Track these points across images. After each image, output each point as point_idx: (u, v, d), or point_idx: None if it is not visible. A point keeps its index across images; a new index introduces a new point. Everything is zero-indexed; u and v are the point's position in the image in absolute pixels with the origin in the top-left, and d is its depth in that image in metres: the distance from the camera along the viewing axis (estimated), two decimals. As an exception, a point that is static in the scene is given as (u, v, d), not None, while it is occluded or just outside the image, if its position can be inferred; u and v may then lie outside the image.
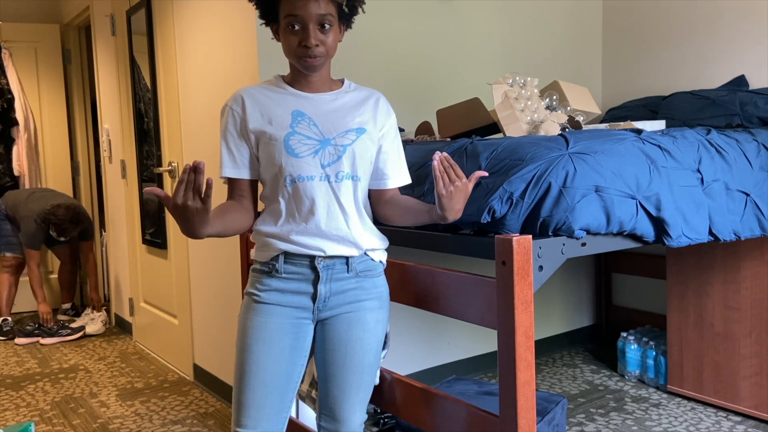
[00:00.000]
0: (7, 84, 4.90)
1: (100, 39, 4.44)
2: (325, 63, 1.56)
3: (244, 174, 1.59)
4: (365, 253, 1.61)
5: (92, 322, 4.47)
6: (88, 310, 4.59)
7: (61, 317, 4.80)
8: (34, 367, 3.77)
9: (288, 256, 1.56)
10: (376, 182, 1.67)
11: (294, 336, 1.59)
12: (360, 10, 1.59)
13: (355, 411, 1.65)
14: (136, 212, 4.01)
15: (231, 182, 1.61)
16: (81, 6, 4.72)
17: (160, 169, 3.52)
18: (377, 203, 1.69)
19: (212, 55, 2.96)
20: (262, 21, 1.59)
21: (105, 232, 4.86)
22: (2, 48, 4.91)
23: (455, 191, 1.46)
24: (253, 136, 1.57)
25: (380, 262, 1.66)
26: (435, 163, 1.46)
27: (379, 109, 1.64)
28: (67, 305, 4.88)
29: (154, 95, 3.57)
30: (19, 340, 4.29)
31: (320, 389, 1.66)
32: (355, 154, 1.56)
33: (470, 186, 1.49)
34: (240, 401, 1.58)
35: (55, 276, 5.12)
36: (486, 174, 1.55)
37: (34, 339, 4.30)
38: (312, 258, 1.56)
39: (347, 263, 1.58)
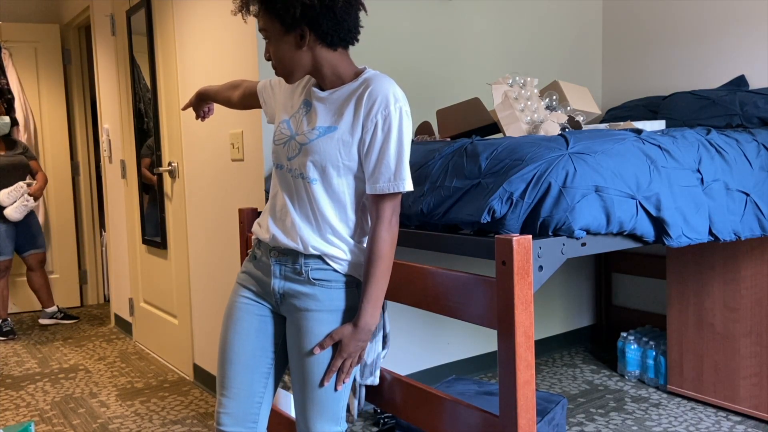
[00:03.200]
0: (7, 84, 4.90)
1: (100, 39, 4.44)
2: (291, 73, 1.51)
3: (265, 93, 1.76)
4: (322, 260, 1.54)
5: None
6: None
7: (47, 321, 4.78)
8: (34, 367, 3.77)
9: (260, 242, 1.65)
10: (367, 186, 1.53)
11: (258, 319, 1.65)
12: (298, 11, 1.43)
13: (317, 422, 1.58)
14: (136, 212, 4.01)
15: (258, 84, 1.81)
16: (81, 6, 4.72)
17: (160, 169, 3.52)
18: (370, 209, 1.56)
19: (212, 55, 2.96)
20: None
21: (105, 232, 4.86)
22: (2, 48, 4.91)
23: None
24: (273, 106, 1.74)
25: (344, 274, 1.55)
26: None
27: (365, 101, 1.47)
28: (52, 309, 4.80)
29: (154, 95, 3.57)
30: None
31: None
32: (309, 153, 1.50)
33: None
34: (218, 374, 1.67)
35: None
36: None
37: None
38: (270, 249, 1.61)
39: (299, 263, 1.55)
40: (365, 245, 1.56)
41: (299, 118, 1.58)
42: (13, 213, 4.43)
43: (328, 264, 1.54)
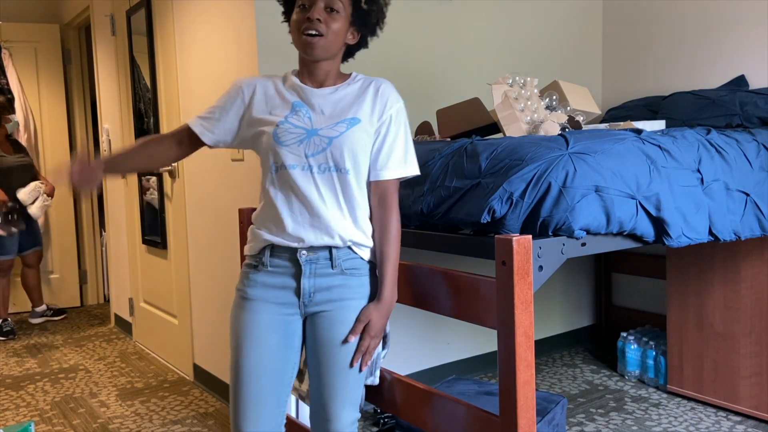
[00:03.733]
0: (7, 84, 4.90)
1: (100, 39, 4.44)
2: (326, 51, 1.55)
3: (205, 135, 1.65)
4: (351, 249, 1.59)
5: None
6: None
7: (38, 320, 4.79)
8: (34, 367, 3.77)
9: (274, 248, 1.58)
10: (370, 173, 1.61)
11: (283, 333, 1.60)
12: (380, 26, 1.64)
13: (344, 409, 1.62)
14: (136, 212, 4.01)
15: (188, 130, 1.67)
16: (81, 6, 4.72)
17: (160, 169, 3.52)
18: (371, 196, 1.63)
19: (212, 54, 2.96)
20: (287, 19, 1.65)
21: (105, 232, 4.86)
22: (2, 48, 4.90)
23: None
24: (250, 121, 1.62)
25: (369, 261, 1.63)
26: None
27: (379, 97, 1.60)
28: (42, 307, 4.82)
29: (154, 95, 3.57)
30: None
31: (310, 386, 1.66)
32: (342, 146, 1.54)
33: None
34: (236, 402, 1.59)
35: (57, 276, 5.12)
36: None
37: None
38: (294, 251, 1.56)
39: (331, 258, 1.57)
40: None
41: (303, 115, 1.56)
42: (38, 212, 4.60)
43: (355, 253, 1.60)
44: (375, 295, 1.63)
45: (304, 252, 1.56)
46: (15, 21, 5.07)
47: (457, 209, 1.82)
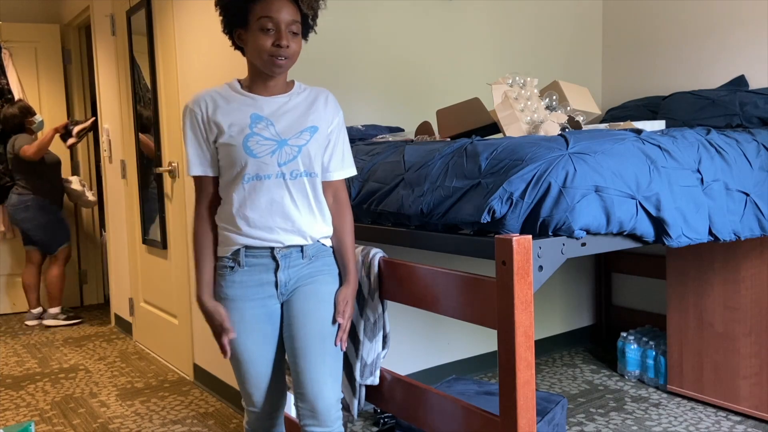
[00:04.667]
0: (7, 84, 4.90)
1: (100, 39, 4.44)
2: (289, 67, 1.67)
3: (210, 171, 1.71)
4: (318, 241, 1.73)
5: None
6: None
7: (53, 321, 4.79)
8: (34, 367, 3.77)
9: (248, 249, 1.68)
10: (322, 174, 1.76)
11: (269, 321, 1.72)
12: (314, 27, 1.72)
13: (326, 383, 1.70)
14: (136, 212, 4.01)
15: (199, 180, 1.73)
16: (81, 6, 4.72)
17: (160, 169, 3.52)
18: (325, 194, 1.77)
19: (212, 54, 2.96)
20: (227, 27, 1.70)
21: (105, 232, 4.86)
22: (2, 48, 4.91)
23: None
24: (213, 136, 1.67)
25: (330, 246, 1.79)
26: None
27: (328, 106, 1.74)
28: (56, 309, 4.81)
29: (154, 95, 3.57)
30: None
31: (291, 369, 1.73)
32: (310, 153, 1.67)
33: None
34: (244, 389, 1.76)
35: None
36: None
37: None
38: (272, 249, 1.67)
39: (302, 251, 1.70)
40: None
41: (264, 126, 1.65)
42: (92, 198, 5.01)
43: (323, 244, 1.76)
44: (337, 272, 1.79)
45: (279, 249, 1.68)
46: (15, 21, 5.07)
47: (457, 209, 1.82)
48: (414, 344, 3.14)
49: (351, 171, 1.83)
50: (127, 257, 4.26)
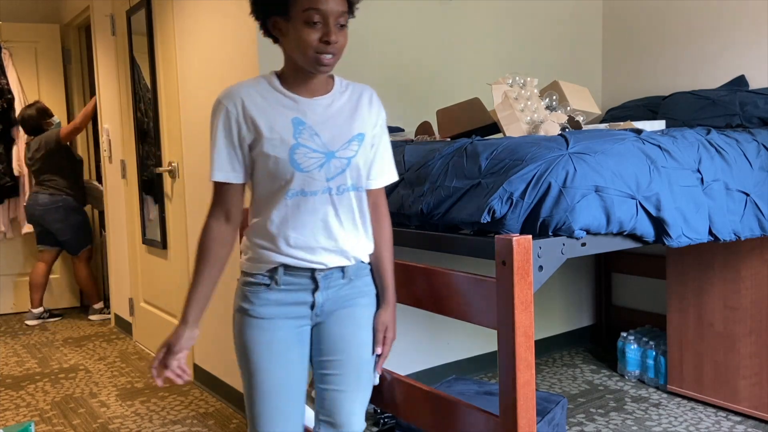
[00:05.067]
0: (7, 84, 4.90)
1: (100, 39, 4.44)
2: (335, 65, 1.47)
3: (238, 178, 1.50)
4: (360, 260, 1.60)
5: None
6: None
7: (98, 316, 4.86)
8: (34, 367, 3.77)
9: (287, 268, 1.51)
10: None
11: (299, 345, 1.57)
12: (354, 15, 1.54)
13: (355, 413, 1.60)
14: (136, 212, 4.01)
15: (221, 187, 1.51)
16: (81, 6, 4.72)
17: (160, 169, 3.52)
18: None
19: (212, 55, 2.96)
20: (260, 13, 1.49)
21: (105, 232, 4.86)
22: (2, 48, 4.90)
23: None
24: (249, 140, 1.47)
25: (368, 263, 1.64)
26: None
27: (372, 108, 1.57)
28: (100, 305, 4.90)
29: (154, 95, 3.57)
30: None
31: (318, 393, 1.63)
32: (358, 165, 1.51)
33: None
34: (261, 419, 1.55)
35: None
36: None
37: None
38: (312, 270, 1.52)
39: (343, 271, 1.56)
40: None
41: (309, 136, 1.46)
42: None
43: (362, 261, 1.60)
44: (375, 292, 1.64)
45: (320, 271, 1.52)
46: (15, 21, 5.07)
47: (457, 209, 1.82)
48: (414, 344, 3.14)
49: (393, 176, 1.64)
50: (127, 257, 4.26)
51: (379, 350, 1.61)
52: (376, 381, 1.91)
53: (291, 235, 1.48)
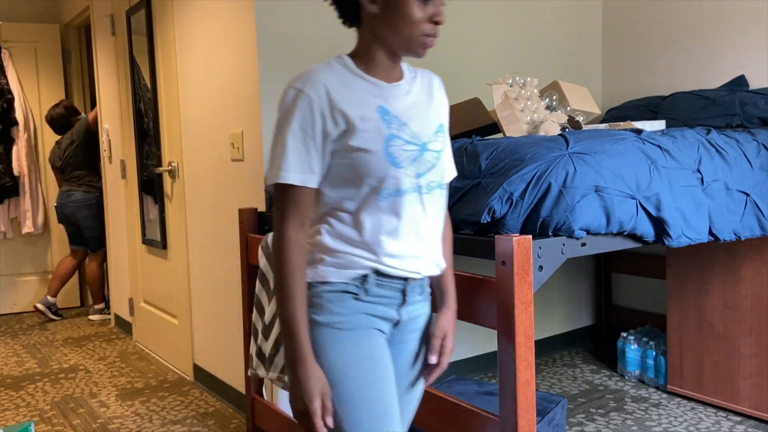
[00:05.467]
0: (7, 84, 4.90)
1: (100, 39, 4.44)
2: None
3: (315, 180, 1.28)
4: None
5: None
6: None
7: (98, 317, 4.88)
8: (34, 367, 3.77)
9: (379, 275, 1.31)
10: None
11: (388, 356, 1.38)
12: None
13: (407, 423, 1.46)
14: (136, 212, 4.01)
15: (296, 192, 1.26)
16: (81, 6, 4.72)
17: (160, 169, 3.52)
18: None
19: (212, 54, 2.96)
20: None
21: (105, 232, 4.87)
22: (2, 48, 4.90)
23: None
24: (337, 133, 1.26)
25: None
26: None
27: (443, 95, 1.41)
28: (101, 305, 4.92)
29: (154, 95, 3.57)
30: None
31: None
32: (446, 159, 1.37)
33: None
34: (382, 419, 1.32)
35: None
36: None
37: None
38: (405, 280, 1.34)
39: (422, 284, 1.40)
40: None
41: (398, 126, 1.28)
42: None
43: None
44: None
45: (411, 281, 1.35)
46: (15, 21, 5.07)
47: (457, 209, 1.82)
48: (414, 344, 3.14)
49: (455, 171, 1.49)
50: (127, 257, 4.26)
51: (434, 359, 1.39)
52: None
53: (383, 240, 1.29)
